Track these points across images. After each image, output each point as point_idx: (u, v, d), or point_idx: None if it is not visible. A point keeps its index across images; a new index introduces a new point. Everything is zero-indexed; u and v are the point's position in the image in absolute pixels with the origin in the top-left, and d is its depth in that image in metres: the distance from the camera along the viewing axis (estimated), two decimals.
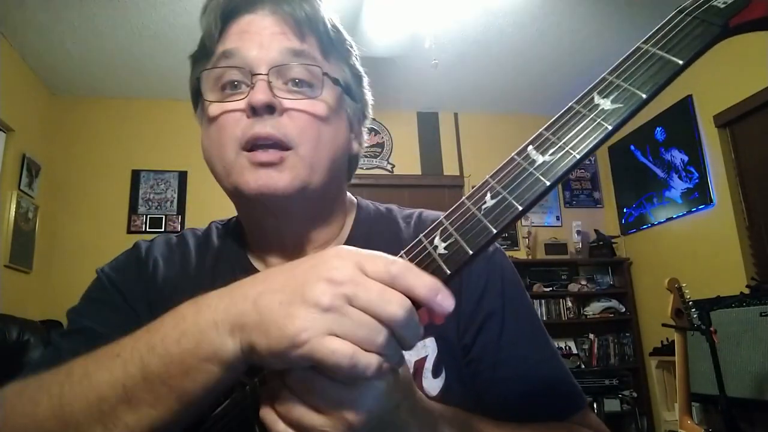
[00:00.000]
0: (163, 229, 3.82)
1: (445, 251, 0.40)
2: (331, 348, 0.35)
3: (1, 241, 3.08)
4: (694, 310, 2.12)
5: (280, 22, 0.62)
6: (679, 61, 0.33)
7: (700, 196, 3.55)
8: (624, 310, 4.17)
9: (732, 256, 3.27)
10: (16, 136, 3.26)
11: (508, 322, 0.64)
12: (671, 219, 3.80)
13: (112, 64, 3.52)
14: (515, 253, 4.28)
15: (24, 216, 3.32)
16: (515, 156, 0.39)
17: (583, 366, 3.99)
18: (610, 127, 0.35)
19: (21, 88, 3.39)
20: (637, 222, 4.20)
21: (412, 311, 0.37)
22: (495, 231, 0.38)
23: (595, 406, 3.40)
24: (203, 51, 0.65)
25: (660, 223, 3.93)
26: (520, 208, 0.37)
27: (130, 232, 3.77)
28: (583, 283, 4.19)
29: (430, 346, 0.63)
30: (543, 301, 4.11)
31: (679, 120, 3.67)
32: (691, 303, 2.13)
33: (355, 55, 0.70)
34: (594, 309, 4.15)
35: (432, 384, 0.62)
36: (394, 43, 3.36)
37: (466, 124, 4.54)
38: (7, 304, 2.94)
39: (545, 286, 4.16)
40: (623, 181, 4.37)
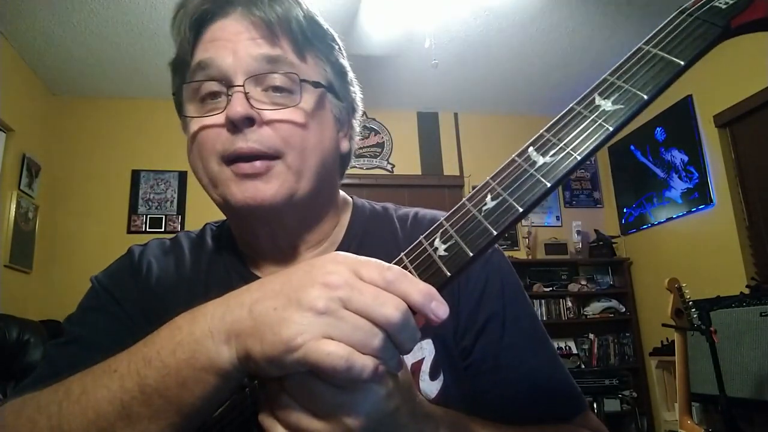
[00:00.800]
0: (163, 229, 3.81)
1: (446, 253, 0.40)
2: (326, 351, 0.35)
3: (1, 241, 3.08)
4: (694, 310, 2.11)
5: (252, 27, 0.60)
6: (681, 62, 0.33)
7: (700, 196, 3.55)
8: (624, 310, 4.17)
9: (732, 256, 3.27)
10: (16, 136, 3.25)
11: (508, 324, 0.64)
12: (671, 219, 3.80)
13: (112, 64, 3.52)
14: (515, 253, 4.28)
15: (24, 216, 3.32)
16: (516, 157, 0.39)
17: (583, 366, 3.99)
18: (611, 128, 0.35)
19: (21, 88, 3.38)
20: (637, 222, 4.20)
21: (408, 314, 0.37)
22: (495, 233, 0.38)
23: (595, 406, 3.40)
24: (179, 60, 0.64)
25: (660, 223, 3.92)
26: (521, 209, 0.37)
27: (130, 232, 3.77)
28: (583, 283, 4.19)
29: (427, 348, 0.62)
30: (543, 301, 4.11)
31: (679, 120, 3.67)
32: (691, 303, 2.13)
33: (339, 48, 0.67)
34: (594, 309, 4.14)
35: (429, 386, 0.61)
36: (393, 42, 3.36)
37: (466, 124, 4.53)
38: (7, 304, 2.94)
39: (545, 286, 4.15)
40: (623, 181, 4.37)
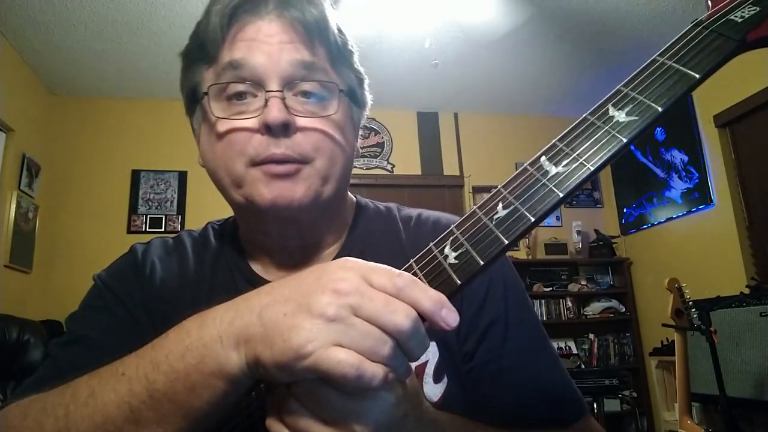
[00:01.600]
0: (163, 229, 3.81)
1: (456, 261, 0.39)
2: (336, 359, 0.35)
3: (1, 241, 3.08)
4: (694, 310, 2.12)
5: (288, 29, 0.60)
6: (696, 75, 0.33)
7: (700, 196, 3.55)
8: (624, 310, 4.17)
9: (732, 256, 3.27)
10: (16, 136, 3.25)
11: (511, 328, 0.64)
12: (671, 219, 3.80)
13: (112, 64, 3.51)
14: (515, 253, 4.27)
15: (24, 216, 3.31)
16: (528, 166, 0.39)
17: (583, 366, 3.99)
18: (625, 139, 0.34)
19: (21, 88, 3.38)
20: (637, 222, 4.20)
21: (418, 322, 0.37)
22: (507, 242, 0.38)
23: (595, 406, 3.40)
24: (203, 52, 0.62)
25: (660, 223, 3.93)
26: (533, 219, 0.37)
27: (130, 232, 3.77)
28: (583, 283, 4.19)
29: (431, 351, 0.62)
30: (543, 301, 4.11)
31: (679, 120, 3.67)
32: (691, 303, 2.13)
33: (357, 55, 0.68)
34: (594, 309, 4.15)
35: (433, 389, 0.61)
36: (393, 42, 3.36)
37: (466, 124, 4.53)
38: (7, 304, 2.93)
39: (545, 286, 4.16)
40: (623, 181, 4.37)
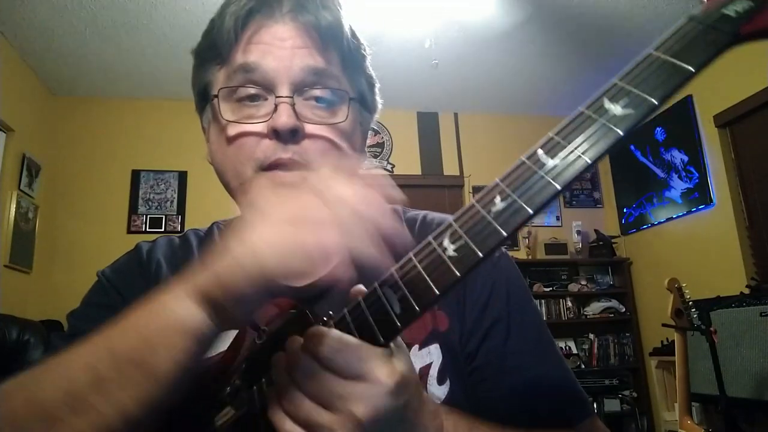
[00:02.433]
0: (163, 229, 3.81)
1: (455, 253, 0.39)
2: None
3: (1, 241, 3.08)
4: (694, 310, 2.12)
5: (302, 34, 0.60)
6: (691, 68, 0.34)
7: (700, 196, 3.55)
8: (624, 310, 4.18)
9: (732, 256, 3.27)
10: (16, 136, 3.25)
11: (513, 329, 0.63)
12: (671, 219, 3.80)
13: (112, 64, 3.51)
14: (515, 253, 4.27)
15: (24, 216, 3.32)
16: (525, 159, 0.39)
17: (583, 366, 3.99)
18: (622, 132, 0.35)
19: (21, 88, 3.38)
20: (637, 222, 4.20)
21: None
22: (505, 234, 0.38)
23: (595, 406, 3.41)
24: (215, 52, 0.63)
25: (660, 223, 3.93)
26: (531, 211, 0.37)
27: (130, 232, 3.77)
28: (583, 283, 4.20)
29: (434, 353, 0.62)
30: (543, 301, 4.11)
31: (679, 120, 3.67)
32: (691, 303, 2.13)
33: (368, 58, 0.68)
34: (594, 309, 4.15)
35: (437, 391, 0.61)
36: (393, 42, 3.36)
37: (466, 124, 4.54)
38: (7, 304, 2.94)
39: (545, 286, 4.16)
40: (623, 181, 4.38)
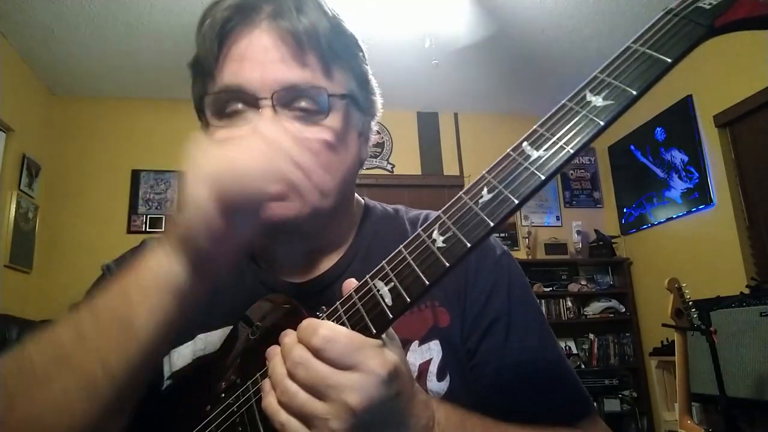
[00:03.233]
0: (163, 229, 3.81)
1: (444, 244, 0.41)
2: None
3: (1, 241, 3.09)
4: (694, 310, 2.11)
5: (278, 43, 0.58)
6: (668, 60, 0.35)
7: (700, 196, 3.55)
8: (624, 310, 4.17)
9: (732, 256, 3.27)
10: (16, 136, 3.26)
11: (514, 326, 0.64)
12: (671, 219, 3.80)
13: (112, 64, 3.52)
14: (515, 253, 4.26)
15: (24, 216, 3.33)
16: (510, 152, 0.40)
17: (583, 366, 3.99)
18: (602, 122, 0.36)
19: (21, 88, 3.39)
20: (637, 222, 4.20)
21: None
22: (492, 224, 0.39)
23: (594, 406, 3.41)
24: (200, 68, 0.63)
25: (660, 223, 3.93)
26: (516, 201, 0.38)
27: (130, 232, 3.78)
28: (583, 283, 4.20)
29: (434, 349, 0.62)
30: (543, 301, 4.11)
31: (679, 120, 3.67)
32: (691, 303, 2.13)
33: (362, 55, 0.66)
34: (594, 309, 4.15)
35: (436, 387, 0.61)
36: (394, 42, 3.37)
37: (466, 124, 4.54)
38: (7, 304, 2.94)
39: (545, 286, 4.16)
40: (623, 181, 4.37)
